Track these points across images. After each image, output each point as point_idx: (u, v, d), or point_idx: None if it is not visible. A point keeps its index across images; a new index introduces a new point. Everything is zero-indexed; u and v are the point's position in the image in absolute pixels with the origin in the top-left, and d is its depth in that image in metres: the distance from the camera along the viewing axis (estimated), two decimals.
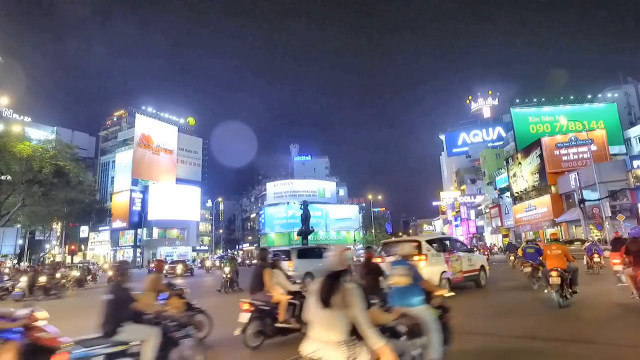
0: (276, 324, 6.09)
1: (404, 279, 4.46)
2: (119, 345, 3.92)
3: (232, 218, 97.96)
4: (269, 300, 6.23)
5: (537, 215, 38.70)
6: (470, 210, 61.84)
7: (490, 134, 74.46)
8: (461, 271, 11.01)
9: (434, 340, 4.26)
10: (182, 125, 77.49)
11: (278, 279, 6.52)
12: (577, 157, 36.77)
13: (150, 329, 4.20)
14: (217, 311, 7.39)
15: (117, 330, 3.94)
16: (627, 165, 30.45)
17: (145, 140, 66.66)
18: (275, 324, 6.09)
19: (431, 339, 4.25)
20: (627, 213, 27.89)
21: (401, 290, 4.46)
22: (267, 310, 6.14)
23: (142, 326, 4.22)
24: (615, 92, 54.11)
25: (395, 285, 4.55)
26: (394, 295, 4.54)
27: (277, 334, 6.10)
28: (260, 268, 6.60)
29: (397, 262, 4.79)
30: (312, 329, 2.67)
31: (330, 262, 2.73)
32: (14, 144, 25.83)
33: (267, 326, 6.05)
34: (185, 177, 71.15)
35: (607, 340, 5.45)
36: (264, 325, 6.04)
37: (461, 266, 11.12)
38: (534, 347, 5.33)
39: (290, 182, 73.16)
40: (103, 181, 72.31)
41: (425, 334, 4.26)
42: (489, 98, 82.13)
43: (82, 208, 45.66)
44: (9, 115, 56.08)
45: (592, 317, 7.14)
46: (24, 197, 28.14)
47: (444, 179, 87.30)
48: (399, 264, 4.70)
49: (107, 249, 64.53)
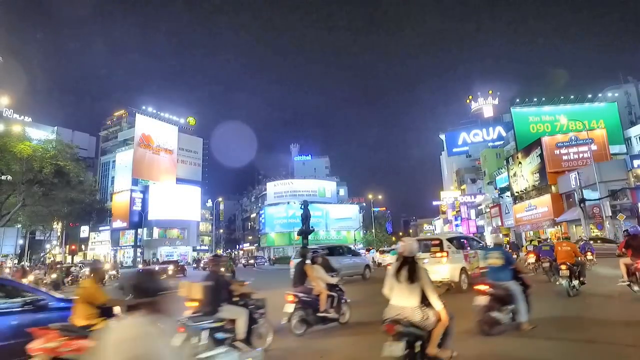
0: (318, 314, 6.85)
1: (498, 261, 6.17)
2: (219, 321, 4.84)
3: (233, 218, 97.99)
4: (310, 292, 6.97)
5: (538, 214, 38.67)
6: (470, 210, 61.80)
7: (491, 134, 74.41)
8: (478, 267, 11.57)
9: (521, 307, 5.94)
10: (182, 125, 77.55)
11: (318, 273, 7.25)
12: (577, 156, 36.74)
13: (241, 309, 5.22)
14: None
15: (217, 310, 4.97)
16: (628, 165, 30.40)
17: (146, 140, 66.69)
18: (316, 314, 6.85)
19: (518, 306, 5.93)
20: (627, 212, 27.88)
21: (495, 269, 6.16)
22: (310, 301, 6.86)
23: (235, 307, 5.22)
24: (615, 92, 54.04)
25: (491, 265, 6.24)
26: (489, 272, 6.24)
27: (318, 323, 6.87)
28: (301, 264, 7.38)
29: (492, 249, 6.72)
30: (394, 298, 3.75)
31: (407, 250, 3.91)
32: (15, 144, 25.81)
33: (309, 315, 6.79)
34: (185, 177, 71.19)
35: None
36: (307, 315, 6.77)
37: (478, 262, 11.76)
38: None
39: (290, 182, 73.16)
40: (103, 181, 72.35)
41: (514, 303, 5.94)
42: (489, 98, 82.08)
43: (83, 208, 45.70)
44: (10, 115, 56.11)
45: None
46: (24, 197, 28.13)
47: (444, 178, 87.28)
48: (494, 250, 6.51)
49: (108, 248, 64.57)
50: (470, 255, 11.69)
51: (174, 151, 71.12)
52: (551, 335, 5.96)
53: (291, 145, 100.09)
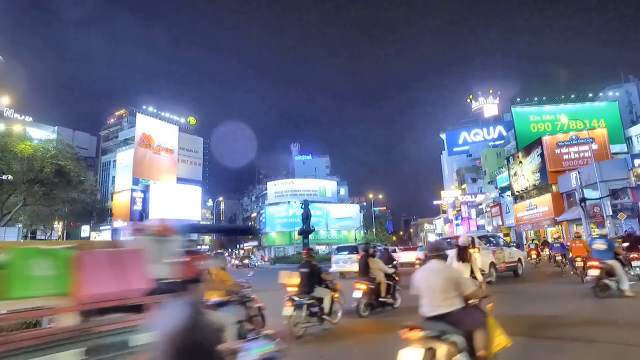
0: (379, 299, 8.48)
1: (603, 246, 9.17)
2: (313, 299, 6.84)
3: (233, 217, 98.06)
4: (373, 281, 8.48)
5: (538, 214, 38.64)
6: (471, 209, 61.79)
7: (491, 133, 74.32)
8: (504, 262, 13.34)
9: (623, 278, 8.83)
10: (183, 125, 77.53)
11: (379, 265, 8.84)
12: (578, 155, 36.69)
13: (327, 291, 7.12)
14: None
15: (313, 290, 6.91)
16: (628, 164, 30.33)
17: (146, 139, 66.69)
18: (378, 299, 8.47)
19: (621, 277, 8.83)
20: (628, 212, 27.85)
21: (600, 252, 9.10)
22: (373, 289, 8.40)
23: (324, 289, 7.12)
24: (616, 91, 54.03)
25: (597, 249, 9.21)
26: (596, 253, 9.20)
27: (379, 307, 8.50)
28: (365, 257, 8.88)
29: (599, 238, 9.55)
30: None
31: (461, 242, 6.93)
32: (15, 143, 25.81)
33: (372, 300, 8.40)
34: (186, 177, 71.20)
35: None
36: (370, 300, 8.37)
37: (504, 258, 13.43)
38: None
39: (291, 182, 73.16)
40: (104, 181, 72.36)
41: (617, 275, 8.85)
42: (490, 97, 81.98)
43: (83, 207, 45.71)
44: (10, 115, 56.12)
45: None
46: (25, 196, 28.14)
47: (444, 178, 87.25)
48: (600, 239, 9.41)
49: None
50: (497, 251, 13.21)
51: (174, 151, 71.11)
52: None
53: (292, 144, 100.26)
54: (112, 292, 3.01)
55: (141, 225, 4.19)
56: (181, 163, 72.46)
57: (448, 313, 3.54)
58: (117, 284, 3.05)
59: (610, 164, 32.17)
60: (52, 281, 2.77)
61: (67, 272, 2.84)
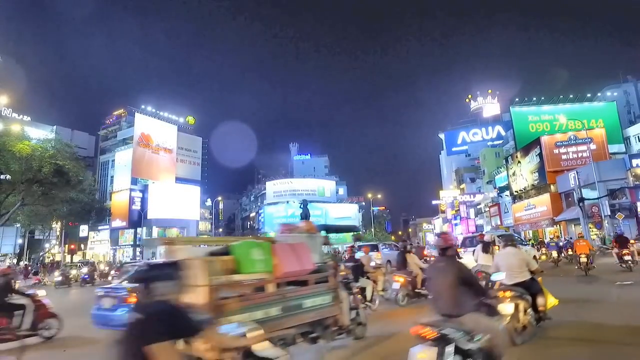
0: (415, 290, 9.40)
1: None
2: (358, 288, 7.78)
3: (232, 217, 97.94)
4: (410, 274, 9.52)
5: (537, 214, 38.72)
6: (469, 209, 61.85)
7: (490, 133, 74.43)
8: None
9: None
10: (182, 125, 77.42)
11: (414, 260, 9.95)
12: (576, 155, 36.80)
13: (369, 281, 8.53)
14: None
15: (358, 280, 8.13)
16: (626, 164, 30.44)
17: (145, 139, 66.56)
18: (414, 290, 9.39)
19: None
20: (626, 212, 27.97)
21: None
22: (410, 281, 9.42)
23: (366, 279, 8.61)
24: (614, 91, 54.18)
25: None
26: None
27: (415, 297, 9.37)
28: (403, 253, 10.20)
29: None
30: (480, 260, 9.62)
31: (487, 239, 10.84)
32: (14, 143, 25.75)
33: (410, 291, 9.36)
34: (184, 176, 71.08)
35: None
36: (408, 291, 9.34)
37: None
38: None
39: (289, 181, 73.11)
40: (102, 180, 72.21)
41: None
42: (489, 97, 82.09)
43: (82, 207, 45.67)
44: (9, 114, 55.97)
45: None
46: (23, 196, 28.07)
47: (443, 177, 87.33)
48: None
49: (107, 248, 64.52)
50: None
51: (173, 150, 71.00)
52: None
53: (290, 144, 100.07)
54: (294, 271, 4.48)
55: (293, 226, 5.65)
56: (180, 163, 72.36)
57: (522, 282, 5.50)
58: (296, 266, 4.51)
59: (609, 164, 32.25)
60: (262, 263, 4.22)
61: (270, 257, 4.32)
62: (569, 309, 7.32)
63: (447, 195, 71.95)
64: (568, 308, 7.33)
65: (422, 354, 3.20)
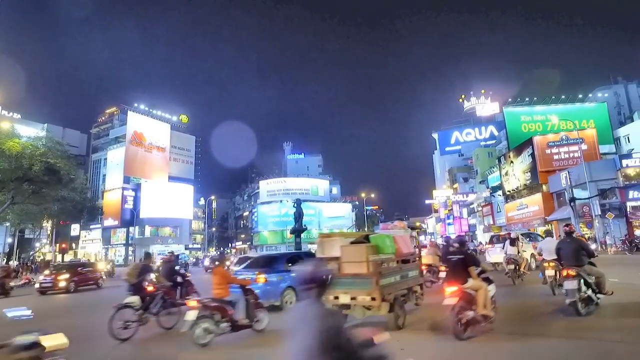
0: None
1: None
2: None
3: (225, 216, 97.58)
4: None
5: (529, 213, 39.05)
6: (462, 209, 62.25)
7: (483, 133, 74.86)
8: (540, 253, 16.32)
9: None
10: (175, 123, 76.91)
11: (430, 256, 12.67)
12: (568, 156, 37.13)
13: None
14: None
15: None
16: (617, 164, 30.78)
17: (138, 137, 66.05)
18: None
19: None
20: (616, 211, 28.30)
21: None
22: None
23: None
24: (605, 92, 54.75)
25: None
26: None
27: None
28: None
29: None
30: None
31: (513, 235, 13.72)
32: (3, 140, 25.29)
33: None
34: (177, 175, 70.68)
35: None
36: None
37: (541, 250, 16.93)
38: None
39: (283, 180, 73.00)
40: (94, 179, 71.48)
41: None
42: (482, 97, 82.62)
43: (74, 206, 45.07)
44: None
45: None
46: (13, 194, 27.62)
47: (436, 177, 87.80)
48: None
49: (99, 247, 63.96)
50: (536, 246, 15.67)
51: (166, 149, 70.55)
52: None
53: (284, 143, 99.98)
54: (406, 253, 7.73)
55: (391, 225, 9.18)
56: (173, 161, 71.94)
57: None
58: (406, 249, 7.79)
59: (599, 164, 32.60)
60: (391, 247, 7.16)
61: (393, 244, 7.19)
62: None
63: (440, 195, 72.34)
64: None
65: (571, 283, 6.67)
